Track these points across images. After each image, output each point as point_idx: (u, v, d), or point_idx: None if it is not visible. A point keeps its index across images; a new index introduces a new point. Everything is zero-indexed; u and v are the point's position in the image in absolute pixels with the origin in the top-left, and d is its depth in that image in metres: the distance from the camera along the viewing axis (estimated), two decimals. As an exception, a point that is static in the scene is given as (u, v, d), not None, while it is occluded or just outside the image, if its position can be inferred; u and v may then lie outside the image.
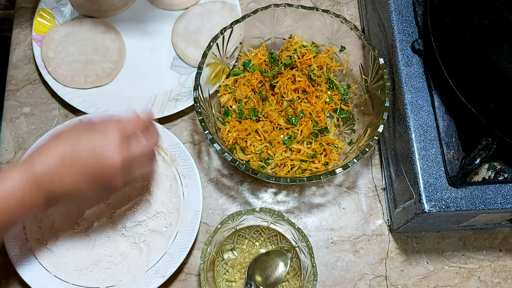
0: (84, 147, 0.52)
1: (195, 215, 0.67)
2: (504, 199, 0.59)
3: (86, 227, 0.67)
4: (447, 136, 0.62)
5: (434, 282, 0.69)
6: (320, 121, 0.71)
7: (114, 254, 0.66)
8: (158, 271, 0.65)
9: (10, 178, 0.51)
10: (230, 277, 0.66)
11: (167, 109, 0.74)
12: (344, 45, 0.72)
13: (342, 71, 0.74)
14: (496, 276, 0.69)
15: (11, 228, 0.59)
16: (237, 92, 0.72)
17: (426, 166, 0.60)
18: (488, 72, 0.59)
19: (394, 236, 0.71)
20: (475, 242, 0.71)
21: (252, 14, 0.69)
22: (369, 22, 0.78)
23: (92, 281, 0.65)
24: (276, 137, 0.69)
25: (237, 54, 0.74)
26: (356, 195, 0.73)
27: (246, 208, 0.72)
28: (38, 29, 0.79)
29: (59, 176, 0.52)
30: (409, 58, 0.66)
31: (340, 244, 0.71)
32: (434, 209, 0.58)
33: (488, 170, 0.62)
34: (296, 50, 0.74)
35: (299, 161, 0.68)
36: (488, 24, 0.60)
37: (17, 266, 0.64)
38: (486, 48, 0.60)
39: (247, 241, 0.67)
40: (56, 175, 0.52)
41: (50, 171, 0.52)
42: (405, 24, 0.68)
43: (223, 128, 0.69)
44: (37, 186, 0.52)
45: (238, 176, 0.74)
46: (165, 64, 0.80)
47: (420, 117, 0.63)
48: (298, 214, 0.72)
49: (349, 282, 0.69)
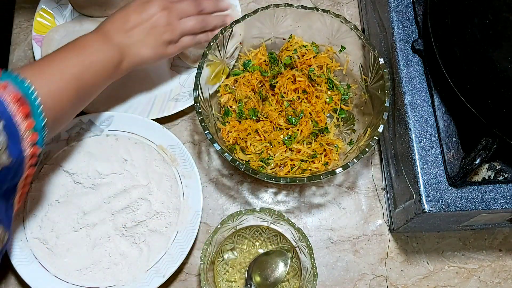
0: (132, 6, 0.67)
1: (195, 215, 0.67)
2: (504, 199, 0.59)
3: (85, 227, 0.67)
4: (447, 136, 0.62)
5: (434, 282, 0.69)
6: (320, 121, 0.71)
7: (114, 254, 0.66)
8: (158, 271, 0.65)
9: (93, 47, 0.62)
10: (230, 277, 0.66)
11: (167, 109, 0.74)
12: (344, 45, 0.72)
13: (342, 71, 0.74)
14: (496, 276, 0.69)
15: (95, 95, 0.65)
16: (237, 92, 0.72)
17: (426, 166, 0.60)
18: (488, 72, 0.59)
19: (394, 236, 0.71)
20: (475, 242, 0.71)
21: (252, 14, 0.69)
22: (369, 22, 0.78)
23: (92, 281, 0.65)
24: (276, 137, 0.69)
25: (237, 54, 0.74)
26: (356, 195, 0.73)
27: (246, 208, 0.72)
28: (38, 29, 0.79)
29: (127, 35, 0.65)
30: (409, 58, 0.66)
31: (340, 244, 0.71)
32: (434, 209, 0.58)
33: (488, 170, 0.62)
34: (296, 50, 0.74)
35: (299, 161, 0.68)
36: (488, 24, 0.60)
37: (17, 266, 0.64)
38: (486, 48, 0.60)
39: (247, 241, 0.67)
40: (126, 36, 0.65)
41: (122, 34, 0.65)
42: (405, 24, 0.68)
43: (223, 128, 0.70)
44: (117, 48, 0.64)
45: (238, 176, 0.74)
46: (165, 64, 0.80)
47: (420, 117, 0.63)
48: (298, 214, 0.72)
49: (349, 282, 0.69)
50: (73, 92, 0.59)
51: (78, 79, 0.60)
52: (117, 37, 0.65)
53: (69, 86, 0.59)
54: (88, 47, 0.62)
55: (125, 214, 0.67)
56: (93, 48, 0.62)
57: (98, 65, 0.62)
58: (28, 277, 0.64)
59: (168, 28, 0.67)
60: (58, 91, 0.57)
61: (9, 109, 0.50)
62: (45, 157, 0.69)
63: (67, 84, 0.58)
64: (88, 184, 0.69)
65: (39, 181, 0.68)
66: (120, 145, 0.71)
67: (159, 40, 0.67)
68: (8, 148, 0.49)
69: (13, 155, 0.50)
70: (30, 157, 0.53)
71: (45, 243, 0.66)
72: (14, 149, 0.50)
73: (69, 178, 0.69)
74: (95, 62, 0.62)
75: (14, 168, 0.51)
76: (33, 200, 0.68)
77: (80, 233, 0.67)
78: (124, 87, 0.77)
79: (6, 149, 0.49)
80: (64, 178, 0.69)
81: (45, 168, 0.69)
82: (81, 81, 0.60)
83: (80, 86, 0.60)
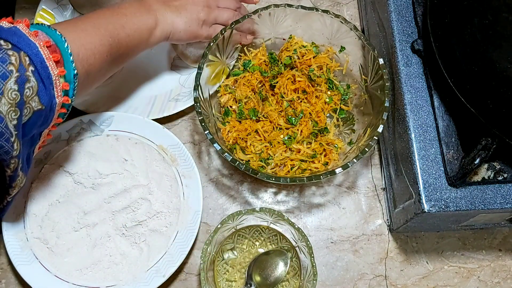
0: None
1: (195, 215, 0.67)
2: (504, 199, 0.59)
3: (86, 227, 0.67)
4: (446, 136, 0.62)
5: (433, 282, 0.69)
6: (320, 121, 0.71)
7: (114, 254, 0.66)
8: (158, 271, 0.65)
9: (129, 9, 0.64)
10: (230, 277, 0.66)
11: (167, 109, 0.74)
12: (344, 45, 0.72)
13: (342, 71, 0.74)
14: (496, 276, 0.70)
15: (127, 59, 0.66)
16: (237, 92, 0.72)
17: (426, 166, 0.60)
18: (487, 72, 0.60)
19: (393, 236, 0.71)
20: (475, 242, 0.71)
21: (252, 14, 0.69)
22: (369, 22, 0.78)
23: (92, 281, 0.65)
24: (276, 137, 0.70)
25: (237, 54, 0.74)
26: (356, 195, 0.73)
27: (246, 208, 0.72)
28: (38, 29, 0.79)
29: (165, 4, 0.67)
30: (408, 58, 0.66)
31: (340, 244, 0.71)
32: (433, 209, 0.58)
33: (487, 170, 0.63)
34: (296, 50, 0.74)
35: (299, 161, 0.68)
36: (488, 24, 0.60)
37: (17, 266, 0.64)
38: (485, 48, 0.60)
39: (247, 241, 0.67)
40: (163, 4, 0.67)
41: (160, 2, 0.67)
42: (405, 24, 0.68)
43: (223, 128, 0.70)
44: (153, 14, 0.65)
45: (238, 176, 0.74)
46: (165, 64, 0.80)
47: (419, 117, 0.63)
48: (298, 214, 0.72)
49: (349, 282, 0.69)
50: (106, 48, 0.59)
51: (111, 37, 0.60)
52: (155, 3, 0.66)
53: (102, 42, 0.59)
54: (124, 8, 0.64)
55: (125, 214, 0.68)
56: (130, 9, 0.64)
57: (133, 26, 0.63)
58: (28, 277, 0.64)
59: (206, 9, 0.70)
60: (90, 45, 0.57)
61: (41, 53, 0.50)
62: (45, 157, 0.70)
63: (100, 39, 0.58)
64: (88, 184, 0.69)
65: (40, 181, 0.69)
66: (121, 145, 0.71)
67: (195, 17, 0.69)
68: (39, 93, 0.49)
69: (45, 100, 0.50)
70: (60, 106, 0.54)
71: (45, 243, 0.66)
72: (46, 94, 0.50)
73: (70, 178, 0.69)
74: (130, 23, 0.63)
75: (45, 114, 0.52)
76: (34, 200, 0.68)
77: (81, 233, 0.67)
78: (124, 87, 0.77)
79: (37, 95, 0.49)
80: (64, 178, 0.69)
81: (45, 168, 0.69)
82: (114, 38, 0.60)
83: (114, 44, 0.60)
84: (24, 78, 0.48)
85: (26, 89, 0.48)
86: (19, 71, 0.47)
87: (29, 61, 0.49)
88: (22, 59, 0.48)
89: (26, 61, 0.49)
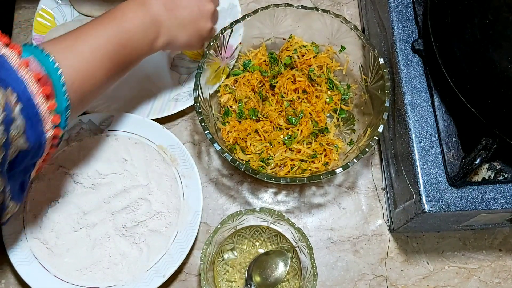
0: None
1: (195, 215, 0.67)
2: (504, 199, 0.59)
3: (85, 227, 0.67)
4: (447, 136, 0.62)
5: (434, 282, 0.69)
6: (320, 121, 0.71)
7: (114, 254, 0.66)
8: (158, 271, 0.65)
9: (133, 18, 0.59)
10: (230, 277, 0.66)
11: (167, 109, 0.74)
12: (344, 45, 0.72)
13: (342, 71, 0.74)
14: (496, 276, 0.69)
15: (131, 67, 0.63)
16: (237, 92, 0.72)
17: (426, 166, 0.60)
18: (488, 72, 0.59)
19: (394, 236, 0.71)
20: (475, 242, 0.71)
21: (252, 14, 0.69)
22: (369, 22, 0.78)
23: (92, 281, 0.65)
24: (276, 137, 0.69)
25: (237, 54, 0.74)
26: (356, 195, 0.73)
27: (246, 208, 0.72)
28: (38, 29, 0.79)
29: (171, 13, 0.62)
30: (409, 58, 0.66)
31: (340, 244, 0.71)
32: (434, 209, 0.58)
33: (488, 170, 0.62)
34: (296, 50, 0.74)
35: (299, 161, 0.68)
36: (488, 24, 0.60)
37: (17, 266, 0.64)
38: (486, 48, 0.60)
39: (247, 241, 0.67)
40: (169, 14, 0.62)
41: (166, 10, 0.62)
42: (405, 24, 0.68)
43: (223, 128, 0.70)
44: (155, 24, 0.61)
45: (238, 176, 0.74)
46: (165, 64, 0.80)
47: (420, 117, 0.63)
48: (298, 214, 0.72)
49: (349, 282, 0.69)
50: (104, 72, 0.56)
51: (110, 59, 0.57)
52: (162, 14, 0.61)
53: (101, 66, 0.56)
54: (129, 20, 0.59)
55: (125, 214, 0.67)
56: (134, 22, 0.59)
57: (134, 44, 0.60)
58: (28, 277, 0.64)
59: (212, 28, 0.67)
60: (87, 72, 0.54)
61: (29, 90, 0.47)
62: (45, 157, 0.69)
63: (99, 65, 0.55)
64: (88, 184, 0.69)
65: (39, 181, 0.68)
66: (120, 145, 0.71)
67: (199, 34, 0.66)
68: (26, 133, 0.46)
69: (32, 139, 0.47)
70: (51, 139, 0.51)
71: (45, 243, 0.66)
72: (33, 132, 0.48)
73: (69, 178, 0.69)
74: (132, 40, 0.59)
75: (33, 151, 0.49)
76: (33, 200, 0.68)
77: (80, 233, 0.67)
78: (124, 87, 0.77)
79: (24, 134, 0.46)
80: (64, 178, 0.69)
81: (45, 168, 0.69)
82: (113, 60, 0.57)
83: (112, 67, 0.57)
84: (10, 120, 0.44)
85: (12, 130, 0.44)
86: (5, 110, 0.43)
87: (16, 98, 0.45)
88: (9, 97, 0.44)
89: (13, 99, 0.45)
